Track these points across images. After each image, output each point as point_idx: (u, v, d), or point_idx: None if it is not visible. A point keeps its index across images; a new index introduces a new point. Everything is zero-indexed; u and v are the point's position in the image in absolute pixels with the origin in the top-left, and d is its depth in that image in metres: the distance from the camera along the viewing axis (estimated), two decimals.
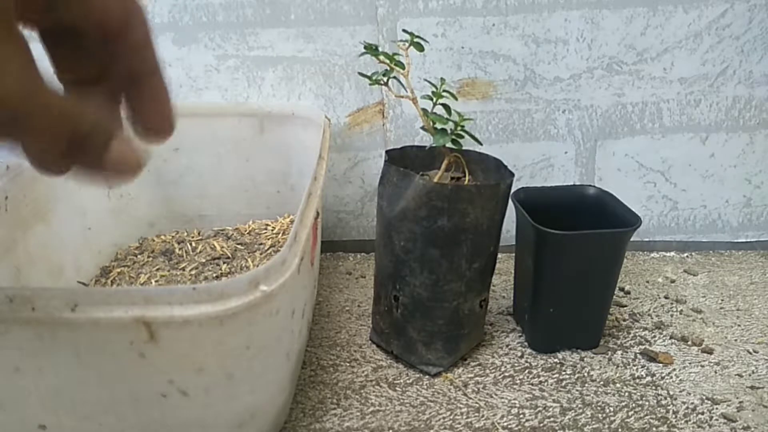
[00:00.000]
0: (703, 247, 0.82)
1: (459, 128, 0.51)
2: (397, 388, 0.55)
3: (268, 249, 0.73)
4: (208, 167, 0.77)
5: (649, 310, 0.67)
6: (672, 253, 0.81)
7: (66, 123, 0.23)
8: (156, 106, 0.27)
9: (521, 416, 0.51)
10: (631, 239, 0.56)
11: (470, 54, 0.73)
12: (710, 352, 0.60)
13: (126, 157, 0.25)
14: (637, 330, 0.63)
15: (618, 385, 0.55)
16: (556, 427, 0.50)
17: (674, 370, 0.57)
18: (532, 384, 0.55)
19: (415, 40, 0.54)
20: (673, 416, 0.51)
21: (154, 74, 0.26)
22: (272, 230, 0.77)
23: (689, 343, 0.61)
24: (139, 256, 0.73)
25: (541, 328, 0.59)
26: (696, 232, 0.82)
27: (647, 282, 0.73)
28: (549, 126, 0.77)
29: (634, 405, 0.52)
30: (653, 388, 0.54)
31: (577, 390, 0.54)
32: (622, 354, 0.59)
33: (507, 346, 0.61)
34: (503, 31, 0.72)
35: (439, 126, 0.51)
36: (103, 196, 0.72)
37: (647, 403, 0.53)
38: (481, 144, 0.54)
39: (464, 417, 0.51)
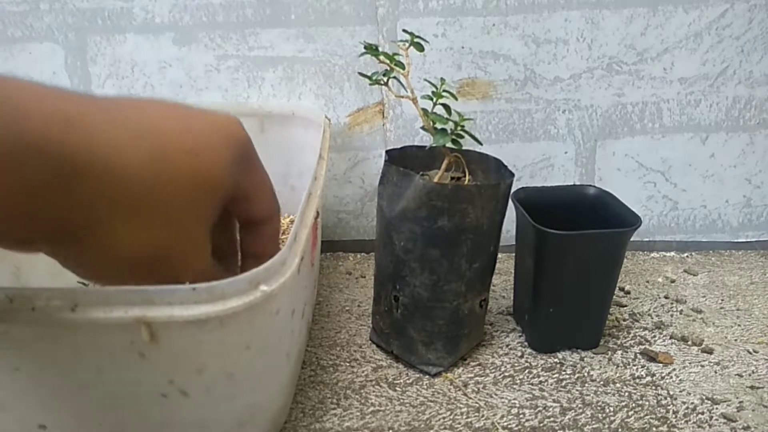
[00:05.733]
0: (703, 247, 0.82)
1: (459, 128, 0.51)
2: (397, 388, 0.55)
3: None
4: None
5: (649, 310, 0.67)
6: (672, 253, 0.81)
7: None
8: None
9: (521, 416, 0.51)
10: (631, 239, 0.56)
11: (470, 54, 0.73)
12: (710, 352, 0.60)
13: None
14: (637, 330, 0.63)
15: (618, 385, 0.55)
16: (556, 427, 0.50)
17: (674, 370, 0.57)
18: (532, 384, 0.55)
19: (415, 40, 0.54)
20: (673, 416, 0.51)
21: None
22: None
23: (689, 343, 0.61)
24: None
25: (541, 328, 0.59)
26: (696, 232, 0.82)
27: (647, 282, 0.73)
28: (549, 126, 0.77)
29: (634, 405, 0.52)
30: (653, 388, 0.54)
31: (577, 390, 0.54)
32: (622, 354, 0.59)
33: (507, 346, 0.61)
34: (503, 31, 0.72)
35: (439, 126, 0.51)
36: None
37: (647, 403, 0.53)
38: (481, 144, 0.54)
39: (464, 417, 0.51)
